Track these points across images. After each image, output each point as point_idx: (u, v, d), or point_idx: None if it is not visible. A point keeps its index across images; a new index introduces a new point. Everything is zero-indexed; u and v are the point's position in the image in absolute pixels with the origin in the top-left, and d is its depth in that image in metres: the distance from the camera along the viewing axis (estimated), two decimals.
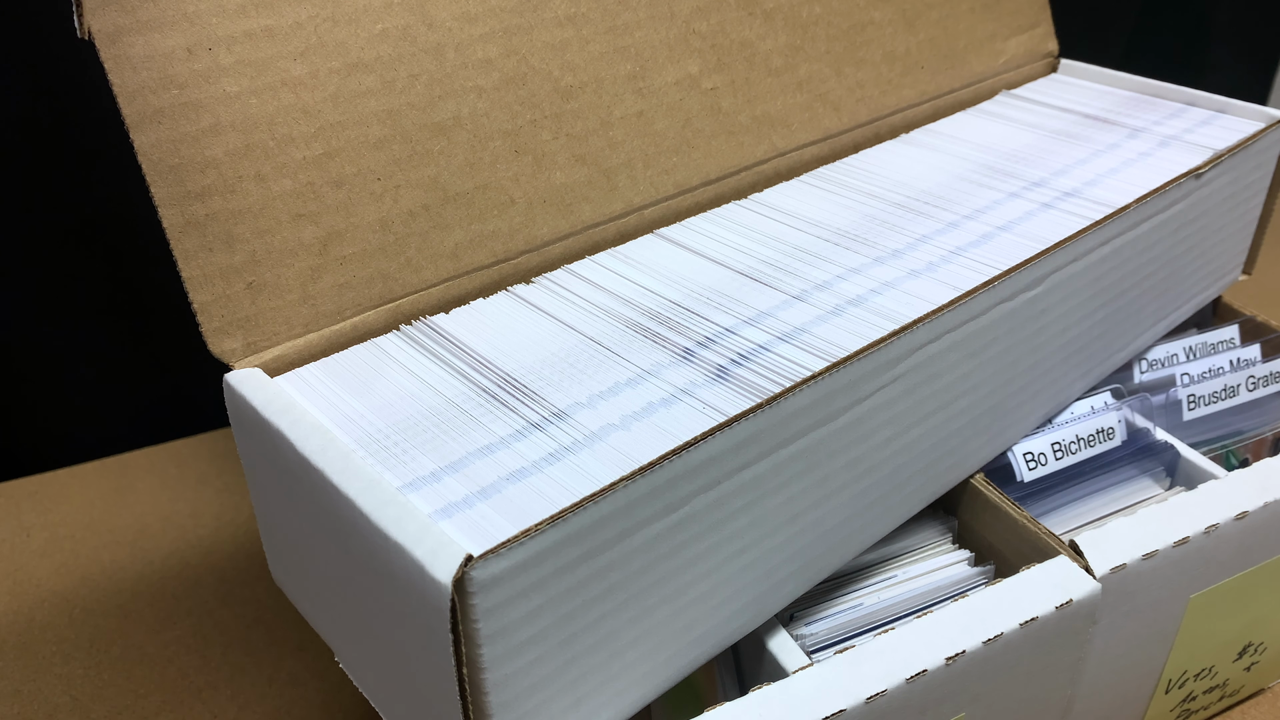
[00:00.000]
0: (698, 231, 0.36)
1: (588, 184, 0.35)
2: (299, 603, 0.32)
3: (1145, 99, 0.46)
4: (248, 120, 0.29)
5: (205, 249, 0.28)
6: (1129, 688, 0.37)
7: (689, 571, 0.27)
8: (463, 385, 0.28)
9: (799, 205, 0.38)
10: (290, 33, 0.29)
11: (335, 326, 0.31)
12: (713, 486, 0.26)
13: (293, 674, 0.47)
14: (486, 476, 0.25)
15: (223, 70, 0.28)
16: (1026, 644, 0.30)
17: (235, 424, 0.30)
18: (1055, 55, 0.50)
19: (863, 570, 0.35)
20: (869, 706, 0.28)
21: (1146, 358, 0.43)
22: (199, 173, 0.28)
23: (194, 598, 0.51)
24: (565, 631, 0.24)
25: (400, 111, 0.31)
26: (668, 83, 0.37)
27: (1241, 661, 0.40)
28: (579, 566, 0.24)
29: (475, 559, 0.22)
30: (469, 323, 0.31)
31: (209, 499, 0.58)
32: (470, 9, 0.32)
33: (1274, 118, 0.43)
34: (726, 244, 0.35)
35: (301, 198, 0.30)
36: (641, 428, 0.26)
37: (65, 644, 0.49)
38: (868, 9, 0.42)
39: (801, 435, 0.28)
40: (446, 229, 0.32)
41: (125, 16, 0.27)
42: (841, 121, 0.42)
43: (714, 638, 0.29)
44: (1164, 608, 0.35)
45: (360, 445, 0.26)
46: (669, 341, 0.30)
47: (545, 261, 0.34)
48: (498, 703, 0.24)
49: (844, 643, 0.32)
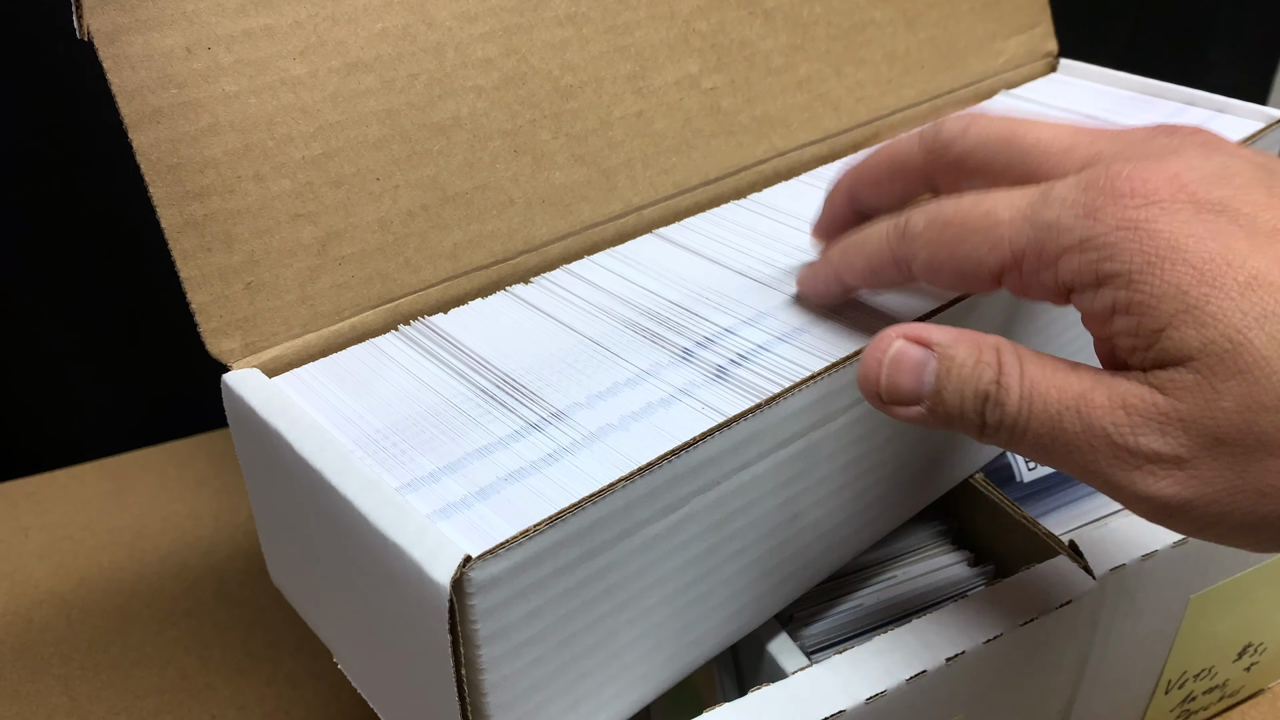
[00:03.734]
0: (697, 231, 0.36)
1: (587, 184, 0.35)
2: (297, 604, 0.32)
3: (1145, 99, 0.46)
4: (247, 120, 0.29)
5: (204, 249, 0.28)
6: (1129, 688, 0.37)
7: (688, 572, 0.27)
8: (461, 386, 0.28)
9: (799, 205, 0.38)
10: (290, 32, 0.29)
11: (334, 327, 0.31)
12: (712, 487, 0.26)
13: (292, 675, 0.47)
14: (485, 477, 0.25)
15: (222, 69, 0.28)
16: (1026, 644, 0.30)
17: (233, 424, 0.30)
18: (1055, 55, 0.50)
19: (862, 571, 0.35)
20: (869, 707, 0.27)
21: None
22: (198, 172, 0.28)
23: (192, 598, 0.51)
24: (564, 632, 0.24)
25: (400, 111, 0.31)
26: (668, 82, 0.37)
27: (1241, 661, 0.40)
28: (578, 567, 0.24)
29: (474, 560, 0.22)
30: (467, 323, 0.31)
31: (207, 500, 0.58)
32: (470, 8, 0.32)
33: (1274, 117, 0.43)
34: (726, 244, 0.35)
35: (300, 198, 0.30)
36: (640, 428, 0.26)
37: (63, 645, 0.49)
38: (868, 9, 0.42)
39: (801, 436, 0.28)
40: (445, 229, 0.32)
41: (124, 15, 0.27)
42: (841, 121, 0.42)
43: (714, 638, 0.29)
44: (1164, 608, 0.35)
45: (358, 446, 0.26)
46: (668, 342, 0.29)
47: (544, 261, 0.34)
48: (496, 704, 0.24)
49: (843, 643, 0.32)
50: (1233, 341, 0.20)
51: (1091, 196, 0.22)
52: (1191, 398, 0.20)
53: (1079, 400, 0.21)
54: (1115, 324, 0.21)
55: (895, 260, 0.26)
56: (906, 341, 0.24)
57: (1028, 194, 0.23)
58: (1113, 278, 0.21)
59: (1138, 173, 0.21)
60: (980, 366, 0.23)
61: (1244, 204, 0.21)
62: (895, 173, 0.29)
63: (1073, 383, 0.22)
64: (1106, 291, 0.21)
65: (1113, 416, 0.21)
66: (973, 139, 0.27)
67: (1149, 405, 0.20)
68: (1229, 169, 0.22)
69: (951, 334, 0.24)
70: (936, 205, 0.25)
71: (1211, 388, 0.20)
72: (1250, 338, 0.19)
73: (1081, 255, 0.21)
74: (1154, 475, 0.21)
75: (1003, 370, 0.22)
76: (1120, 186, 0.21)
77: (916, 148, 0.28)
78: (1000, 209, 0.23)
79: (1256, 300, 0.20)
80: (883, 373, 0.24)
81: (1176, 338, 0.20)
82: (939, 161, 0.28)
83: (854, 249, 0.28)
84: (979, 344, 0.23)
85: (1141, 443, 0.20)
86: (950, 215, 0.25)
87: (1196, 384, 0.20)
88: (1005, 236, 0.23)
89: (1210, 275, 0.20)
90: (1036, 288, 0.23)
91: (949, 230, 0.24)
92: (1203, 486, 0.20)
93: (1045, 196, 0.23)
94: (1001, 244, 0.23)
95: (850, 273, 0.28)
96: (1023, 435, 0.22)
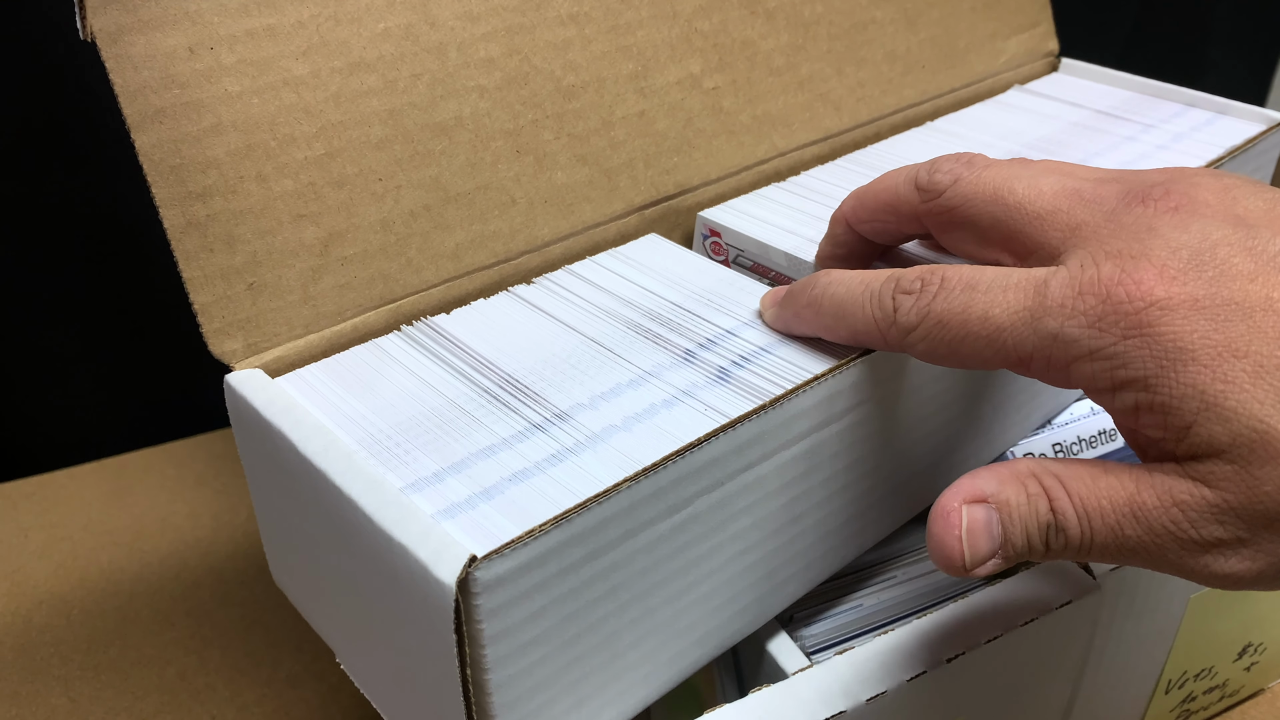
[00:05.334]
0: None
1: (589, 184, 0.35)
2: (300, 604, 0.32)
3: (1146, 99, 0.46)
4: (249, 120, 0.29)
5: (206, 250, 0.28)
6: (1129, 688, 0.37)
7: (692, 572, 0.27)
8: (464, 386, 0.28)
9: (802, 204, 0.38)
10: (292, 32, 0.29)
11: (336, 327, 0.31)
12: (716, 487, 0.26)
13: (292, 675, 0.47)
14: (489, 477, 0.25)
15: (224, 69, 0.28)
16: (1026, 644, 0.30)
17: (236, 425, 0.30)
18: (1056, 55, 0.50)
19: (863, 571, 0.35)
20: (869, 707, 0.28)
21: None
22: (200, 173, 0.28)
23: (192, 599, 0.51)
24: (568, 632, 0.24)
25: (402, 111, 0.31)
26: (670, 82, 0.37)
27: (1241, 661, 0.40)
28: (582, 567, 0.24)
29: (479, 560, 0.22)
30: (470, 323, 0.31)
31: (207, 500, 0.58)
32: (472, 8, 0.32)
33: (1274, 120, 0.43)
34: None
35: (303, 198, 0.30)
36: (643, 429, 0.26)
37: (63, 645, 0.49)
38: (869, 8, 0.42)
39: (804, 437, 0.28)
40: (447, 229, 0.32)
41: (127, 15, 0.27)
42: (842, 121, 0.42)
43: (716, 638, 0.29)
44: (1164, 608, 0.35)
45: (362, 446, 0.26)
46: (670, 343, 0.30)
47: (546, 262, 0.34)
48: (501, 703, 0.24)
49: (844, 643, 0.32)
50: (1258, 431, 0.21)
51: (1090, 305, 0.22)
52: (1235, 487, 0.21)
53: (1131, 506, 0.22)
54: (1142, 419, 0.22)
55: (886, 344, 0.26)
56: (969, 505, 0.24)
57: (1020, 290, 0.24)
58: (1130, 383, 0.22)
59: (1129, 276, 0.22)
60: (1033, 500, 0.23)
61: (1233, 281, 0.22)
62: (889, 209, 0.29)
63: (1118, 489, 0.23)
64: (1127, 394, 0.22)
65: (1169, 515, 0.22)
66: (962, 193, 0.27)
67: (1199, 500, 0.22)
68: (1209, 239, 0.23)
69: (995, 477, 0.24)
70: (923, 296, 0.25)
71: (1251, 475, 0.21)
72: (1272, 424, 0.21)
73: (1093, 364, 0.22)
74: (1223, 556, 0.22)
75: (1052, 497, 0.23)
76: (1116, 293, 0.22)
77: (909, 187, 0.29)
78: (996, 311, 0.24)
79: (1269, 387, 0.21)
80: (965, 549, 0.24)
81: (1204, 434, 0.21)
82: (930, 207, 0.28)
83: (833, 316, 0.27)
84: (1019, 476, 0.24)
85: (1203, 534, 0.22)
86: (942, 315, 0.25)
87: (1236, 474, 0.21)
88: (1009, 343, 0.24)
89: (1221, 372, 0.21)
90: (1048, 381, 0.24)
91: (946, 331, 0.24)
92: (1269, 557, 0.22)
93: (1042, 300, 0.23)
94: (1005, 350, 0.24)
95: (834, 337, 0.28)
96: (1089, 550, 0.23)
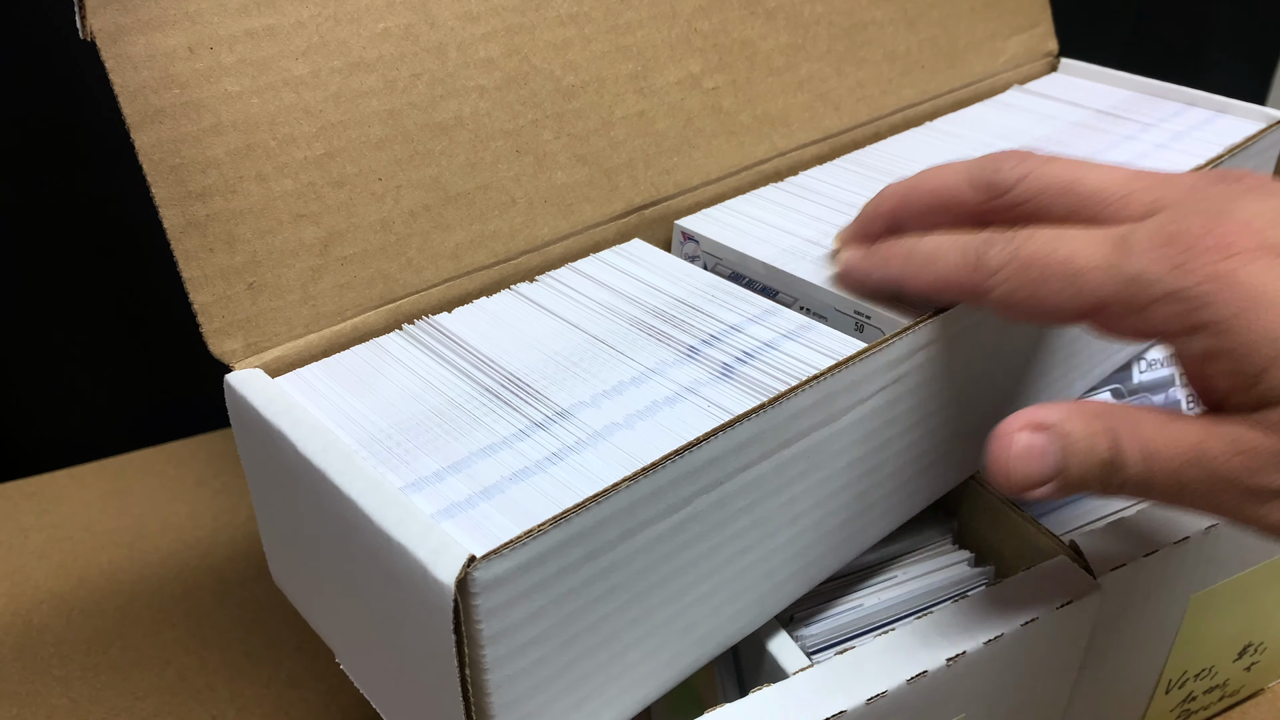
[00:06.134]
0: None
1: (589, 184, 0.35)
2: (299, 604, 0.32)
3: (1146, 98, 0.46)
4: (249, 120, 0.29)
5: (206, 249, 0.28)
6: (1129, 688, 0.37)
7: (691, 572, 0.27)
8: (465, 384, 0.28)
9: (804, 204, 0.38)
10: (292, 31, 0.29)
11: (336, 327, 0.31)
12: (715, 487, 0.26)
13: (291, 675, 0.47)
14: (489, 476, 0.25)
15: (224, 69, 0.28)
16: (1026, 644, 0.30)
17: (236, 425, 0.30)
18: (1055, 55, 0.50)
19: (863, 571, 0.35)
20: (869, 707, 0.28)
21: (1146, 357, 0.43)
22: (200, 173, 0.28)
23: (192, 599, 0.51)
24: (568, 632, 0.24)
25: (402, 111, 0.31)
26: (669, 82, 0.37)
27: (1241, 661, 0.40)
28: (582, 567, 0.24)
29: (478, 559, 0.22)
30: (472, 321, 0.31)
31: (207, 500, 0.58)
32: (472, 8, 0.32)
33: (1274, 118, 0.43)
34: None
35: (303, 198, 0.30)
36: (646, 426, 0.26)
37: (63, 646, 0.49)
38: (869, 8, 0.42)
39: (804, 435, 0.28)
40: (447, 229, 0.32)
41: (126, 15, 0.27)
42: (842, 121, 0.42)
43: (716, 638, 0.29)
44: (1164, 608, 0.35)
45: (362, 445, 0.26)
46: (673, 339, 0.29)
47: (546, 261, 0.34)
48: (500, 703, 0.24)
49: (844, 643, 0.32)
50: None
51: (1174, 250, 0.23)
52: None
53: (1196, 451, 0.23)
54: (1212, 366, 0.23)
55: (968, 288, 0.27)
56: (1029, 432, 0.25)
57: (1104, 240, 0.24)
58: (1205, 326, 0.23)
59: (1215, 226, 0.23)
60: (1095, 437, 0.24)
61: None
62: (944, 208, 0.30)
63: (1185, 434, 0.23)
64: (1200, 338, 0.23)
65: (1234, 462, 0.23)
66: (1032, 186, 0.28)
67: (1266, 449, 0.22)
68: None
69: (1063, 410, 0.25)
70: (1012, 242, 0.26)
71: None
72: None
73: (1171, 306, 0.23)
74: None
75: (1116, 434, 0.24)
76: (1201, 240, 0.23)
77: (967, 186, 0.29)
78: (1080, 256, 0.25)
79: None
80: (1011, 466, 0.25)
81: (1274, 381, 0.22)
82: (994, 204, 0.28)
83: (921, 262, 0.28)
84: (1090, 413, 0.25)
85: (1265, 482, 0.22)
86: (1029, 256, 0.25)
87: None
88: (1089, 285, 0.24)
89: None
90: (1119, 330, 0.25)
91: (1029, 272, 0.25)
92: None
93: (1125, 246, 0.24)
94: (1085, 292, 0.24)
95: (914, 283, 0.29)
96: (1148, 489, 0.24)
